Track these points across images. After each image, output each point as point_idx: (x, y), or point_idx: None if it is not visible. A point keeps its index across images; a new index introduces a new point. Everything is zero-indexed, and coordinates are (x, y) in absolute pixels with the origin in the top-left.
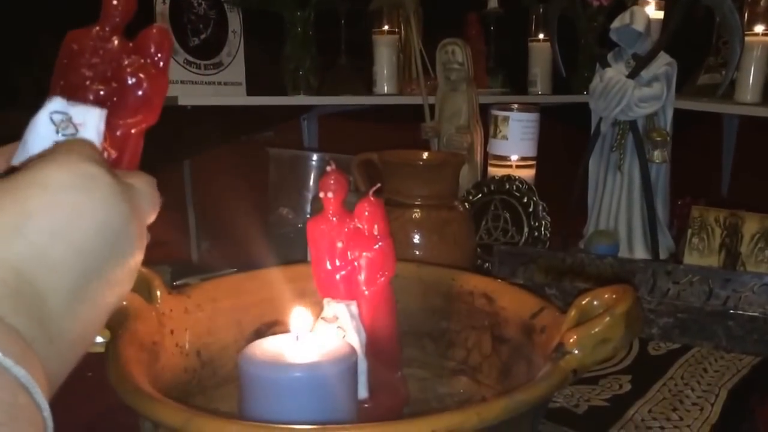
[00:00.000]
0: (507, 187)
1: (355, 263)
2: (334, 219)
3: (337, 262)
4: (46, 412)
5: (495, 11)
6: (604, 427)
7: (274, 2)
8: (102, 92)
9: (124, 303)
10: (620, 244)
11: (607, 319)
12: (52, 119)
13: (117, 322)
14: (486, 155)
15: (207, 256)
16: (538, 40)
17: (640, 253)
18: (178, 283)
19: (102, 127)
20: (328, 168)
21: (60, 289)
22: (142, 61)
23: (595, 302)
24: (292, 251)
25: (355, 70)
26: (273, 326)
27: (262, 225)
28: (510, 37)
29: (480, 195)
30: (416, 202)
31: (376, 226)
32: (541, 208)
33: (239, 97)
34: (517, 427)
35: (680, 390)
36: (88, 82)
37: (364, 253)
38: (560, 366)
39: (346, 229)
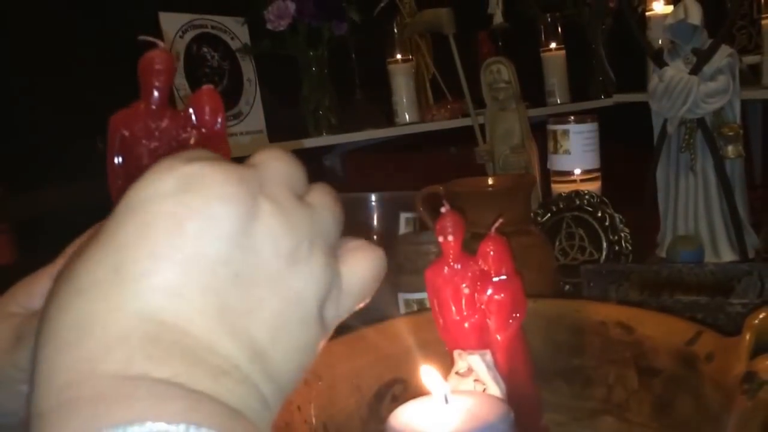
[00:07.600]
0: (577, 202)
1: (482, 307)
2: (457, 265)
3: (465, 311)
4: None
5: (501, 26)
6: None
7: (286, 45)
8: None
9: None
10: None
11: None
12: None
13: None
14: (544, 173)
15: None
16: (551, 50)
17: (727, 254)
18: None
19: None
20: (443, 209)
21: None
22: (203, 130)
23: None
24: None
25: (371, 101)
26: (392, 386)
27: None
28: (519, 51)
29: (549, 214)
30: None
31: (503, 266)
32: (618, 219)
33: (263, 146)
34: None
35: None
36: None
37: (495, 297)
38: (761, 398)
39: (470, 273)
